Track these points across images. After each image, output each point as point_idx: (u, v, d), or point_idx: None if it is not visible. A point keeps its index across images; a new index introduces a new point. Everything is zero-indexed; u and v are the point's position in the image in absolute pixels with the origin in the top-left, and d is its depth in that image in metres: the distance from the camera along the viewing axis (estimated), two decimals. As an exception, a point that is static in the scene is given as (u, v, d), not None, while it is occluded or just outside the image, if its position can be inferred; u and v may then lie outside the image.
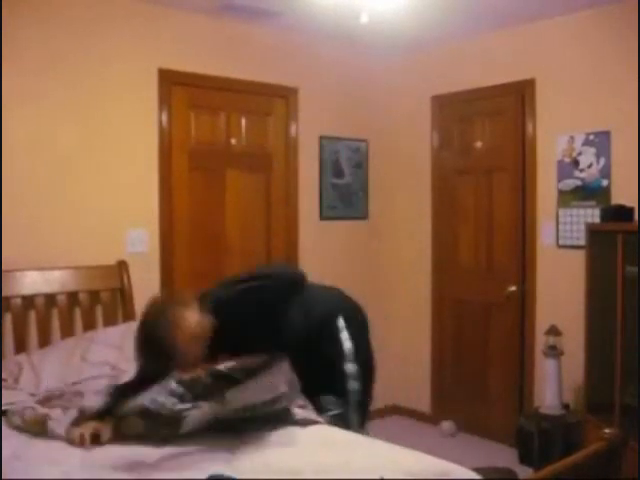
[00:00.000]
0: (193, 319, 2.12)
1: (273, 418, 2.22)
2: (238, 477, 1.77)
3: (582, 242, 3.67)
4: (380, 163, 4.81)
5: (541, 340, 3.82)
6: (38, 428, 2.23)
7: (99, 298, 3.44)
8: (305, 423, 2.24)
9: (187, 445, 2.07)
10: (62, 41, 3.38)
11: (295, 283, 2.49)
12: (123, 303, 3.48)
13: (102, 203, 3.53)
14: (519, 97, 4.12)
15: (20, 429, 2.27)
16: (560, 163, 3.93)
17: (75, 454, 2.02)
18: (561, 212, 3.93)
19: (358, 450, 2.05)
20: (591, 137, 3.77)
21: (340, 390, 2.46)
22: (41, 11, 3.31)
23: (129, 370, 2.89)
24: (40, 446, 2.13)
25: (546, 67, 3.97)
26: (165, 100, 3.76)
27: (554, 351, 3.66)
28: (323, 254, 4.51)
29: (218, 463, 1.91)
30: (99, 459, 1.99)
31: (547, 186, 4.00)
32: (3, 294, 3.08)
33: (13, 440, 2.17)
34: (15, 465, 1.93)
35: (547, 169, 3.99)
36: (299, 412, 2.28)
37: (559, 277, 3.94)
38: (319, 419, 2.29)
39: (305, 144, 4.39)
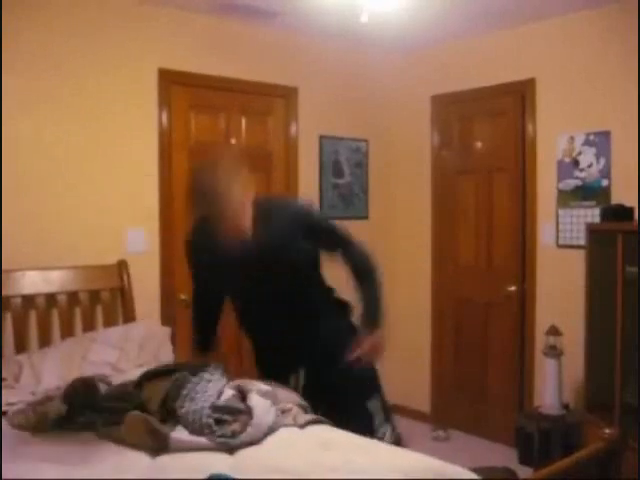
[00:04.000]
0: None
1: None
2: (238, 477, 1.77)
3: (582, 242, 3.67)
4: (380, 163, 4.81)
5: (541, 340, 3.82)
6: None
7: (99, 298, 3.45)
8: (304, 423, 2.24)
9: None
10: (62, 43, 3.38)
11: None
12: (123, 303, 3.48)
13: (102, 203, 3.53)
14: (519, 97, 4.12)
15: (22, 428, 2.28)
16: (560, 163, 3.93)
17: (74, 453, 2.03)
18: (561, 212, 3.93)
19: (357, 450, 2.05)
20: (591, 137, 3.77)
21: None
22: (41, 13, 3.31)
23: (129, 370, 2.91)
24: (40, 445, 2.14)
25: (546, 67, 3.97)
26: (165, 100, 3.76)
27: (554, 351, 3.66)
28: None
29: (218, 463, 1.91)
30: (98, 458, 1.99)
31: (547, 186, 4.00)
32: (3, 294, 3.08)
33: (14, 439, 2.18)
34: (15, 464, 1.93)
35: (547, 169, 3.99)
36: (299, 412, 2.29)
37: (559, 277, 3.94)
38: (320, 419, 2.29)
39: (305, 144, 4.39)
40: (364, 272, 2.43)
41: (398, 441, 2.50)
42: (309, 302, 2.49)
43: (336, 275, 2.53)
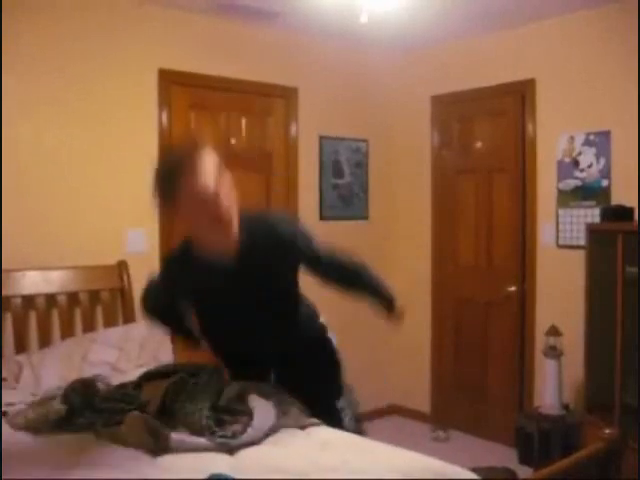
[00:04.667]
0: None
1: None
2: (238, 477, 1.77)
3: (582, 242, 3.67)
4: (380, 163, 4.81)
5: (541, 340, 3.82)
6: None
7: (99, 298, 3.45)
8: (304, 424, 2.24)
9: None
10: (63, 45, 3.38)
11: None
12: (123, 303, 3.48)
13: (102, 203, 3.53)
14: (519, 97, 4.12)
15: (22, 428, 2.28)
16: (560, 163, 3.93)
17: (74, 453, 2.03)
18: (561, 212, 3.93)
19: (356, 451, 2.06)
20: (591, 137, 3.77)
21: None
22: (41, 16, 3.31)
23: (129, 370, 2.91)
24: (40, 446, 2.14)
25: (546, 67, 3.97)
26: (165, 100, 3.76)
27: (554, 351, 3.66)
28: (323, 254, 4.50)
29: (218, 463, 1.91)
30: (98, 458, 1.99)
31: (547, 186, 4.00)
32: (3, 294, 3.08)
33: (14, 439, 2.18)
34: (15, 464, 1.93)
35: (547, 169, 3.99)
36: (300, 413, 2.29)
37: (559, 277, 3.94)
38: (316, 421, 2.29)
39: (305, 144, 4.39)
40: (355, 268, 2.40)
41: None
42: (289, 315, 2.41)
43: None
